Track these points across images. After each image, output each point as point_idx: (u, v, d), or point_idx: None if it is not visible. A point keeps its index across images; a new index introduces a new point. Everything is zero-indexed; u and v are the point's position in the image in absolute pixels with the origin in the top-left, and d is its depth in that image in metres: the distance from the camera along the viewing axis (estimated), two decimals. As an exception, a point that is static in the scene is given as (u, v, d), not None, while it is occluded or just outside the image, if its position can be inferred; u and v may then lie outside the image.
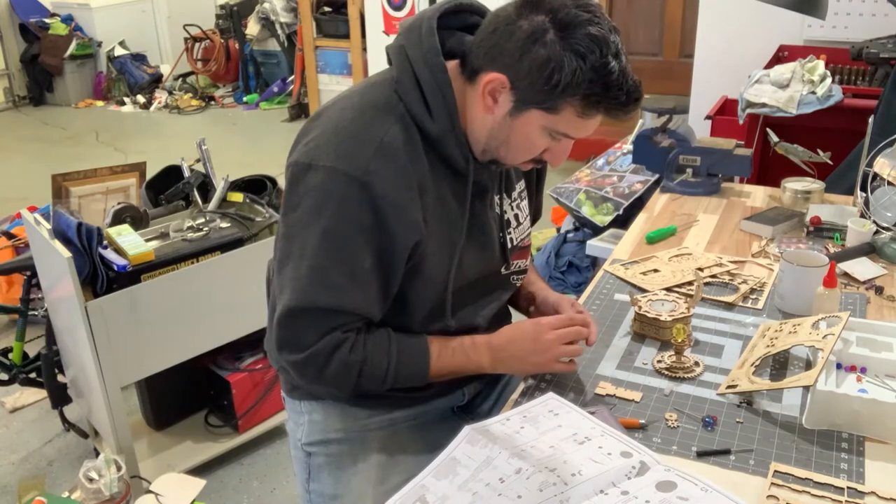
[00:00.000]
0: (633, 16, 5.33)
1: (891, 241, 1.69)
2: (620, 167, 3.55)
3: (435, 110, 1.16)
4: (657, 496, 0.98)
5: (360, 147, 1.13)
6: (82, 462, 1.91)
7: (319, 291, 1.16)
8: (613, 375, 1.33)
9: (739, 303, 1.54)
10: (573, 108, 1.11)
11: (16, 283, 3.18)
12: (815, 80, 2.81)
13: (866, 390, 1.21)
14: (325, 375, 1.21)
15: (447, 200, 1.22)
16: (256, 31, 6.75)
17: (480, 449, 1.08)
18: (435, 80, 1.15)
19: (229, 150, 5.31)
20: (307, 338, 1.18)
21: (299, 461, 1.40)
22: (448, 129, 1.17)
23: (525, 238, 1.38)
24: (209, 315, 2.26)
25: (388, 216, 1.14)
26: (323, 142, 1.15)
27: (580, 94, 1.09)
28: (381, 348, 1.22)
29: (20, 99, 6.99)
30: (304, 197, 1.15)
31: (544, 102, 1.11)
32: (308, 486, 1.39)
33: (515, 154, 1.20)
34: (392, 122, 1.16)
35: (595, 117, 1.13)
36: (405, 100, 1.17)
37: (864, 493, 1.05)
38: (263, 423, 2.53)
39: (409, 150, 1.16)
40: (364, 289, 1.17)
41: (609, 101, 1.10)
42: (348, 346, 1.19)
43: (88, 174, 2.63)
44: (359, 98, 1.20)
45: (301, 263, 1.16)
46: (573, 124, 1.14)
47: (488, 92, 1.14)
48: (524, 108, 1.13)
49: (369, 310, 1.20)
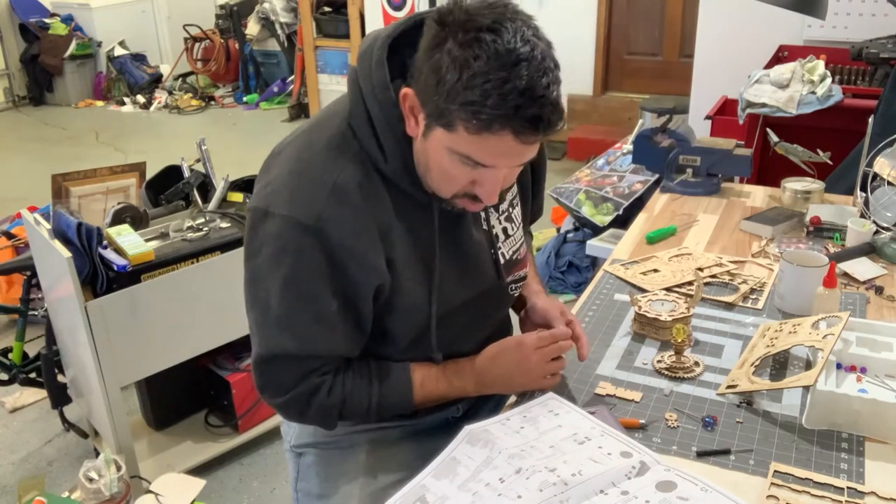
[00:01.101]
0: (633, 16, 5.33)
1: (891, 241, 1.69)
2: (620, 167, 3.55)
3: (387, 149, 1.11)
4: (657, 496, 0.98)
5: (314, 192, 1.09)
6: (82, 462, 1.91)
7: (287, 339, 1.14)
8: (613, 375, 1.33)
9: (739, 303, 1.54)
10: (461, 121, 0.99)
11: (16, 283, 3.19)
12: (815, 80, 2.82)
13: (866, 390, 1.21)
14: (307, 417, 1.21)
15: (417, 233, 1.17)
16: (256, 31, 6.75)
17: (480, 449, 1.08)
18: (384, 117, 1.09)
19: (229, 150, 5.31)
20: (284, 382, 1.18)
21: (290, 461, 1.41)
22: (400, 168, 1.12)
23: (519, 249, 1.33)
24: (209, 315, 2.26)
25: (346, 262, 1.11)
26: (279, 186, 1.12)
27: (459, 103, 0.97)
28: (362, 385, 1.21)
29: (20, 99, 6.99)
30: (263, 245, 1.13)
31: (440, 117, 1.01)
32: (296, 486, 1.39)
33: (439, 185, 1.11)
34: (346, 162, 1.11)
35: (493, 137, 0.99)
36: (359, 136, 1.12)
37: (864, 493, 1.05)
38: (263, 423, 2.53)
39: (367, 190, 1.11)
40: (334, 331, 1.15)
41: (492, 113, 0.97)
42: (326, 388, 1.18)
43: (88, 174, 2.63)
44: (315, 135, 1.16)
45: (267, 312, 1.14)
46: (472, 145, 1.01)
47: (409, 111, 1.07)
48: (430, 125, 1.04)
49: (343, 350, 1.19)
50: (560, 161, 5.18)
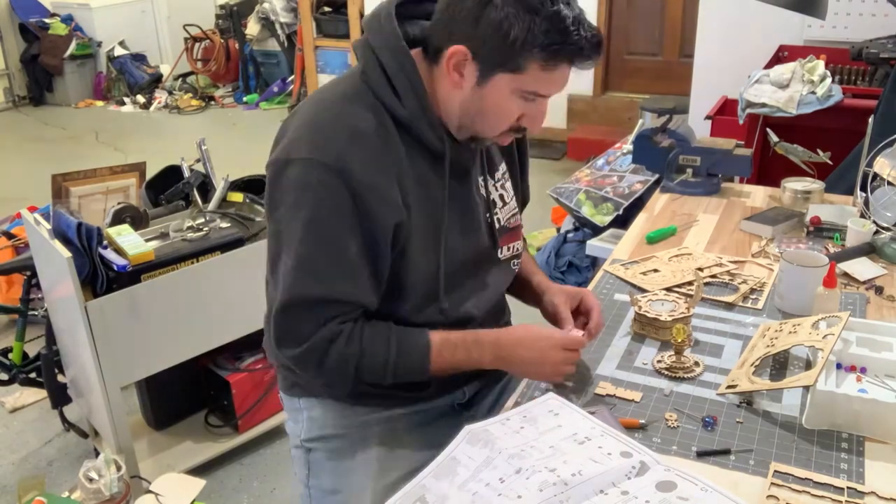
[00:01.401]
0: (633, 16, 5.33)
1: (891, 241, 1.69)
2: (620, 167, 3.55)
3: (403, 94, 1.18)
4: (657, 496, 0.98)
5: (333, 136, 1.15)
6: (82, 462, 1.91)
7: (309, 283, 1.17)
8: (613, 375, 1.33)
9: (739, 303, 1.54)
10: (536, 62, 1.12)
11: (16, 283, 3.18)
12: (815, 80, 2.82)
13: (866, 390, 1.21)
14: (324, 368, 1.21)
15: (427, 182, 1.22)
16: (256, 31, 6.75)
17: (480, 449, 1.08)
18: (399, 64, 1.17)
19: (229, 150, 5.30)
20: (303, 331, 1.19)
21: (299, 458, 1.40)
22: (418, 111, 1.18)
23: (513, 219, 1.39)
24: (209, 315, 2.26)
25: (367, 199, 1.15)
26: (296, 136, 1.17)
27: (538, 45, 1.10)
28: (380, 341, 1.22)
29: (20, 99, 6.99)
30: (285, 193, 1.16)
31: (507, 63, 1.12)
32: (308, 482, 1.39)
33: (493, 124, 1.20)
34: (363, 110, 1.17)
35: (560, 69, 1.14)
36: (373, 88, 1.19)
37: (864, 493, 1.05)
38: (263, 423, 2.53)
39: (382, 136, 1.17)
40: (353, 276, 1.18)
41: (569, 48, 1.11)
42: (344, 337, 1.20)
43: (88, 174, 2.63)
44: (329, 92, 1.23)
45: (289, 258, 1.17)
46: (541, 80, 1.14)
47: (453, 67, 1.15)
48: (490, 74, 1.14)
49: (362, 297, 1.21)
50: (560, 161, 5.18)
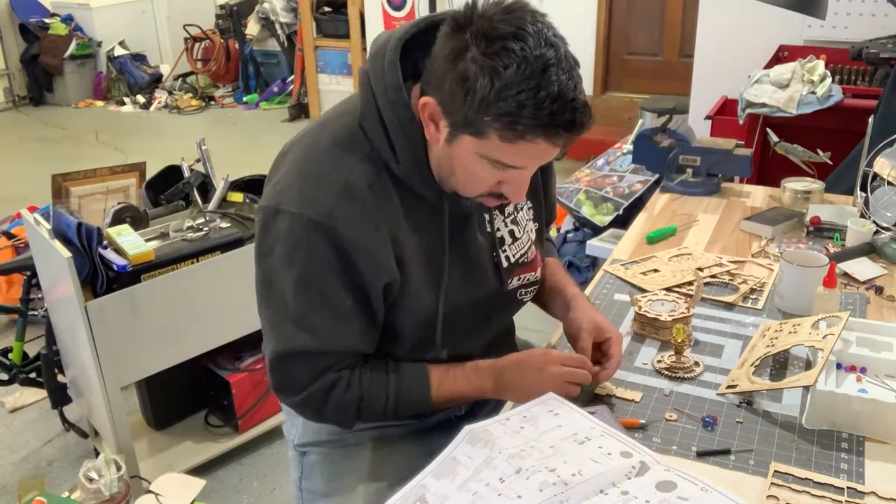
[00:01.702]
0: (633, 16, 5.33)
1: (891, 241, 1.69)
2: (620, 167, 3.55)
3: (399, 150, 1.12)
4: (657, 496, 0.98)
5: (324, 190, 1.10)
6: (82, 462, 1.91)
7: (304, 337, 1.15)
8: (613, 375, 1.33)
9: (739, 303, 1.54)
10: (494, 130, 1.01)
11: (16, 283, 3.18)
12: (815, 80, 2.81)
13: (866, 390, 1.21)
14: (324, 415, 1.21)
15: (426, 234, 1.19)
16: (256, 31, 6.75)
17: (480, 449, 1.08)
18: (397, 119, 1.10)
19: (229, 150, 5.31)
20: (301, 381, 1.18)
21: (293, 461, 1.41)
22: (412, 169, 1.13)
23: (527, 253, 1.33)
24: (209, 315, 2.26)
25: (356, 259, 1.12)
26: (288, 184, 1.13)
27: (493, 113, 0.99)
28: (379, 382, 1.21)
29: (20, 99, 6.99)
30: (275, 244, 1.14)
31: (469, 125, 1.03)
32: (300, 485, 1.39)
33: (465, 187, 1.13)
34: (356, 161, 1.12)
35: (527, 143, 1.02)
36: (370, 137, 1.13)
37: (864, 493, 1.05)
38: (263, 423, 2.53)
39: (377, 190, 1.12)
40: (349, 326, 1.16)
41: (528, 122, 0.99)
42: (343, 384, 1.19)
43: (88, 174, 2.63)
44: (325, 135, 1.16)
45: (282, 311, 1.15)
46: (505, 151, 1.04)
47: (428, 118, 1.08)
48: (456, 133, 1.06)
49: (359, 346, 1.20)
50: (560, 161, 5.17)
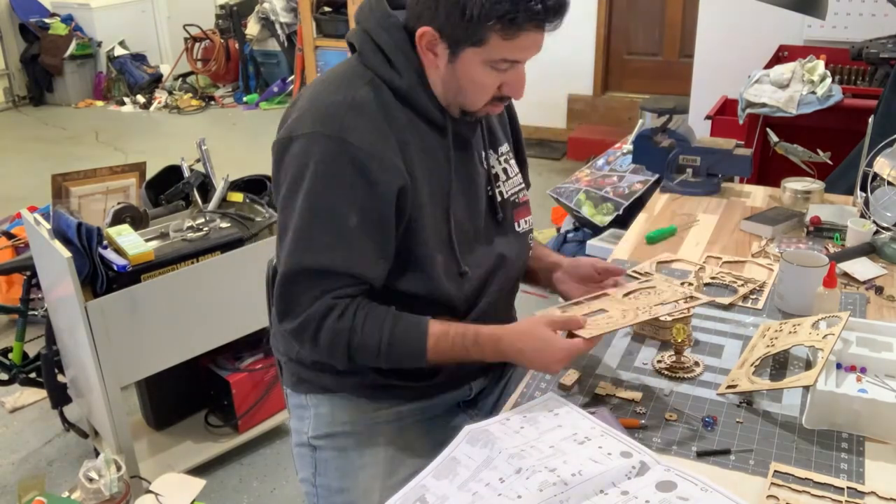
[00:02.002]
0: (633, 16, 5.33)
1: (891, 241, 1.69)
2: (620, 167, 3.55)
3: (400, 67, 1.22)
4: (657, 496, 0.98)
5: (334, 109, 1.19)
6: (82, 462, 1.91)
7: (305, 253, 1.20)
8: (613, 375, 1.33)
9: (739, 303, 1.54)
10: (496, 33, 1.15)
11: (16, 283, 3.18)
12: (815, 80, 2.82)
13: (866, 390, 1.21)
14: (318, 342, 1.22)
15: (432, 151, 1.26)
16: (256, 31, 6.75)
17: (480, 449, 1.08)
18: (393, 40, 1.22)
19: (229, 150, 5.31)
20: (300, 303, 1.21)
21: (304, 457, 1.40)
22: (416, 82, 1.23)
23: (520, 194, 1.42)
24: (209, 315, 2.26)
25: (368, 166, 1.17)
26: (299, 115, 1.22)
27: (494, 17, 1.13)
28: (376, 321, 1.22)
29: (20, 99, 6.99)
30: (288, 168, 1.20)
31: (470, 38, 1.16)
32: (315, 481, 1.38)
33: (474, 98, 1.24)
34: (361, 85, 1.22)
35: (524, 35, 1.16)
36: (371, 66, 1.23)
37: (864, 493, 1.05)
38: (263, 423, 2.53)
39: (383, 108, 1.21)
40: (352, 248, 1.20)
41: (524, 15, 1.13)
42: (338, 312, 1.21)
43: (88, 174, 2.63)
44: (328, 75, 1.28)
45: (290, 231, 1.20)
46: (507, 48, 1.17)
47: (426, 47, 1.21)
48: (458, 50, 1.19)
49: (362, 270, 1.21)
50: (560, 161, 5.18)
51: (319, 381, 1.36)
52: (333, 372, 1.34)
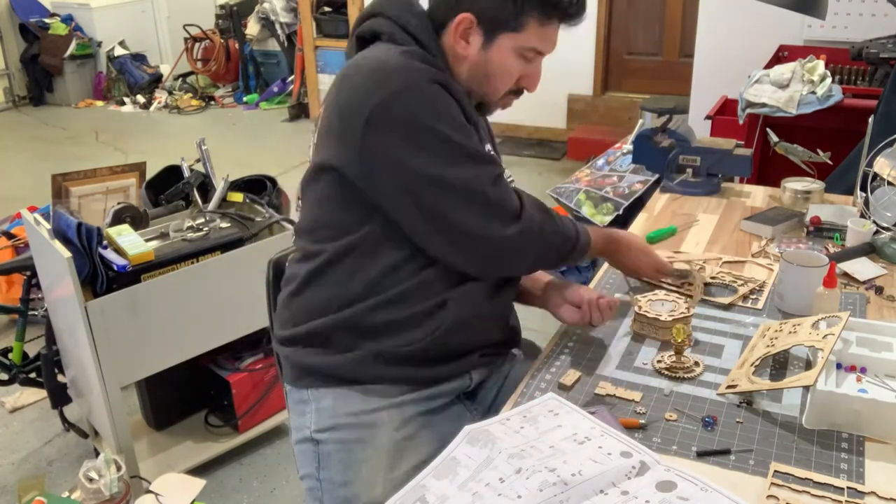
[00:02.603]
0: (633, 16, 5.33)
1: (891, 241, 1.69)
2: (620, 167, 3.55)
3: (431, 48, 1.29)
4: (657, 496, 0.98)
5: (412, 66, 1.24)
6: (82, 462, 1.91)
7: (489, 166, 1.27)
8: (613, 375, 1.33)
9: (739, 303, 1.54)
10: (534, 19, 1.26)
11: (16, 283, 3.18)
12: (815, 80, 2.82)
13: (866, 390, 1.22)
14: (547, 234, 1.32)
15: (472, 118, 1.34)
16: (256, 31, 6.75)
17: (480, 449, 1.08)
18: (422, 25, 1.30)
19: (229, 150, 5.31)
20: (514, 202, 1.28)
21: (307, 452, 1.39)
22: (444, 64, 1.30)
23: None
24: (209, 315, 2.26)
25: (466, 108, 1.28)
26: (378, 80, 1.22)
27: (536, 3, 1.25)
28: (552, 212, 1.36)
29: (20, 99, 6.99)
30: (406, 119, 1.21)
31: (509, 23, 1.26)
32: (319, 475, 1.38)
33: (497, 86, 1.32)
34: (419, 60, 1.27)
35: (552, 26, 1.28)
36: (409, 49, 1.28)
37: (864, 493, 1.05)
38: (263, 423, 2.53)
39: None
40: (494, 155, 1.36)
41: (562, 4, 1.26)
42: (527, 202, 1.31)
43: (88, 174, 2.63)
44: (366, 59, 1.30)
45: (457, 165, 1.23)
46: (540, 36, 1.28)
47: (460, 35, 1.28)
48: (494, 36, 1.27)
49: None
50: (560, 161, 5.18)
51: (323, 367, 1.36)
52: (336, 351, 1.35)
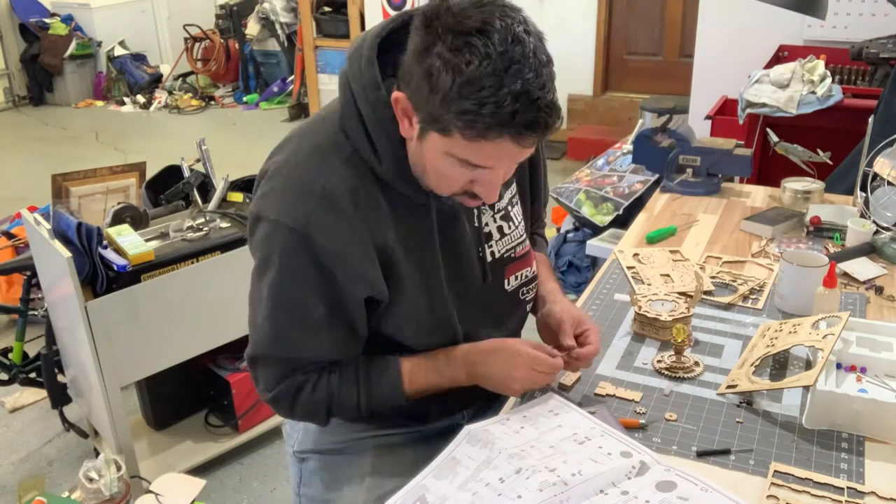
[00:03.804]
0: (633, 16, 5.33)
1: (891, 241, 1.69)
2: (620, 167, 3.55)
3: (381, 150, 1.09)
4: (657, 496, 0.98)
5: (303, 197, 1.08)
6: (82, 462, 1.91)
7: (272, 344, 1.16)
8: (613, 375, 1.33)
9: (739, 303, 1.54)
10: (457, 129, 0.98)
11: (16, 283, 3.18)
12: (815, 80, 2.81)
13: (866, 390, 1.21)
14: (295, 413, 1.22)
15: (415, 233, 1.16)
16: (256, 31, 6.75)
17: (480, 449, 1.08)
18: (377, 117, 1.07)
19: (229, 150, 5.31)
20: (269, 381, 1.19)
21: (292, 465, 1.41)
22: (394, 169, 1.10)
23: (518, 248, 1.30)
24: (209, 315, 2.26)
25: (334, 270, 1.09)
26: (269, 191, 1.12)
27: (454, 110, 0.96)
28: (350, 382, 1.20)
29: (20, 99, 6.99)
30: (256, 249, 1.14)
31: (434, 122, 1.00)
32: (299, 491, 1.38)
33: (437, 185, 1.10)
34: (337, 165, 1.10)
35: (489, 143, 0.99)
36: (352, 138, 1.10)
37: (864, 493, 1.05)
38: (263, 423, 2.53)
39: (360, 195, 1.10)
40: (320, 338, 1.15)
41: (487, 120, 0.95)
42: (310, 386, 1.18)
43: (88, 174, 2.63)
44: (307, 140, 1.15)
45: (258, 314, 1.16)
46: (469, 150, 1.01)
47: (402, 113, 1.05)
48: (426, 130, 1.03)
49: (329, 355, 1.19)
50: (560, 161, 5.18)
51: None
52: None
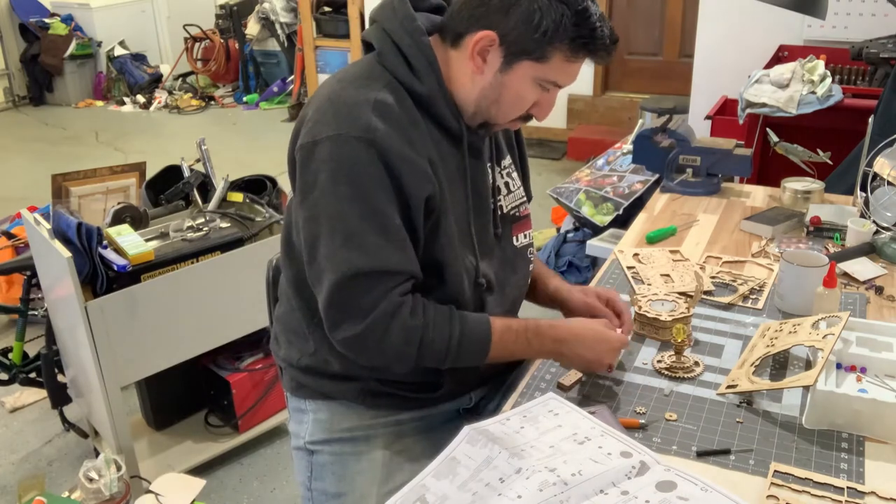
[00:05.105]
0: (633, 16, 5.33)
1: (891, 241, 1.69)
2: (620, 167, 3.55)
3: (422, 72, 1.19)
4: (657, 496, 0.98)
5: (357, 110, 1.15)
6: (82, 462, 1.91)
7: (360, 256, 1.14)
8: (614, 375, 1.33)
9: (739, 303, 1.54)
10: (562, 53, 1.16)
11: (16, 283, 3.18)
12: (815, 80, 2.81)
13: (866, 390, 1.21)
14: (386, 345, 1.17)
15: (448, 160, 1.23)
16: (256, 31, 6.75)
17: (480, 449, 1.08)
18: (416, 44, 1.19)
19: (229, 150, 5.31)
20: (363, 306, 1.15)
21: (301, 460, 1.40)
22: (436, 88, 1.20)
23: (521, 207, 1.40)
24: (209, 315, 2.26)
25: (400, 170, 1.15)
26: (319, 118, 1.17)
27: (567, 38, 1.15)
28: (444, 318, 1.20)
29: (20, 99, 6.99)
30: (318, 173, 1.15)
31: (534, 52, 1.16)
32: (310, 485, 1.38)
33: (508, 111, 1.23)
34: (380, 87, 1.18)
35: (579, 62, 1.19)
36: (390, 68, 1.20)
37: (864, 493, 1.05)
38: (263, 423, 2.53)
39: (405, 111, 1.18)
40: (403, 246, 1.17)
41: (594, 43, 1.16)
42: (408, 308, 1.17)
43: (88, 174, 2.63)
44: (344, 74, 1.24)
45: (333, 237, 1.15)
46: (562, 70, 1.19)
47: (477, 52, 1.18)
48: (515, 61, 1.18)
49: (413, 268, 1.19)
50: (560, 161, 5.18)
51: (319, 387, 1.35)
52: (333, 378, 1.33)
